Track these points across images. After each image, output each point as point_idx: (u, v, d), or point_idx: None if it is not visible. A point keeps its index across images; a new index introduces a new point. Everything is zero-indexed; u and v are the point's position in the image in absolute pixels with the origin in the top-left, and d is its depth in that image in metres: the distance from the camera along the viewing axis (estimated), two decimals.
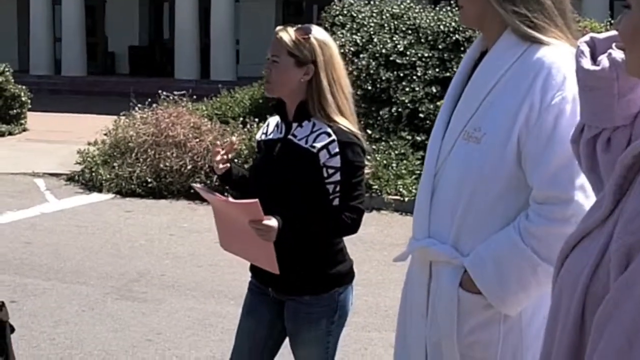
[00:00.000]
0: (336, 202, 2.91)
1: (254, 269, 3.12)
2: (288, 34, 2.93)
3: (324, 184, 2.90)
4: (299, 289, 3.00)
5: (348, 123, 2.95)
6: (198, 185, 2.93)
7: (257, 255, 2.96)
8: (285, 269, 2.89)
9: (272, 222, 2.80)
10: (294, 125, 2.98)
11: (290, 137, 2.97)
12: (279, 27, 3.00)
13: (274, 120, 3.12)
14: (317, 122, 2.94)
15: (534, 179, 2.31)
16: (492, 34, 2.42)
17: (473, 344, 2.40)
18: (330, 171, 2.89)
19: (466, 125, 2.39)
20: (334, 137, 2.89)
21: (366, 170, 3.03)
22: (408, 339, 2.56)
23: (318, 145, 2.89)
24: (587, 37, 1.78)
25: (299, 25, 2.98)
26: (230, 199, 2.95)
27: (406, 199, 8.88)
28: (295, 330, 3.05)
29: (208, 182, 9.30)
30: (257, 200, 2.77)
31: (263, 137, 3.11)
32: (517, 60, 2.36)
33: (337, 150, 2.88)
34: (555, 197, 2.28)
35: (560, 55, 2.31)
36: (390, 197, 9.09)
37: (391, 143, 9.75)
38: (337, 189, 2.90)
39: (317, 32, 2.96)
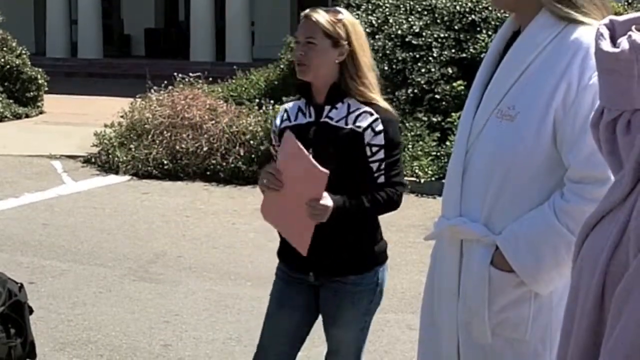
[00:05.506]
0: (381, 179, 2.93)
1: (287, 255, 3.05)
2: (322, 16, 2.93)
3: (368, 163, 2.91)
4: (344, 269, 3.00)
5: (384, 102, 2.98)
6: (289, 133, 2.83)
7: (293, 230, 2.92)
8: (332, 250, 2.91)
9: (328, 201, 2.79)
10: (327, 107, 2.96)
11: (325, 119, 2.96)
12: (307, 10, 2.98)
13: (292, 106, 3.07)
14: (352, 103, 2.94)
15: (570, 158, 2.30)
16: (527, 14, 2.41)
17: (503, 322, 2.41)
18: (375, 149, 2.91)
19: (499, 103, 2.39)
20: (376, 115, 2.92)
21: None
22: (438, 321, 2.55)
23: (363, 124, 2.91)
24: (606, 20, 1.77)
25: (326, 8, 2.99)
26: (311, 157, 2.82)
27: (422, 180, 8.86)
28: (337, 312, 3.05)
29: (224, 164, 9.32)
30: (328, 172, 2.73)
31: (287, 123, 3.02)
32: (553, 40, 2.35)
33: (380, 128, 2.91)
34: (591, 176, 2.28)
35: None
36: (406, 178, 9.07)
37: (407, 124, 9.71)
38: (382, 166, 2.92)
39: (346, 14, 2.98)
